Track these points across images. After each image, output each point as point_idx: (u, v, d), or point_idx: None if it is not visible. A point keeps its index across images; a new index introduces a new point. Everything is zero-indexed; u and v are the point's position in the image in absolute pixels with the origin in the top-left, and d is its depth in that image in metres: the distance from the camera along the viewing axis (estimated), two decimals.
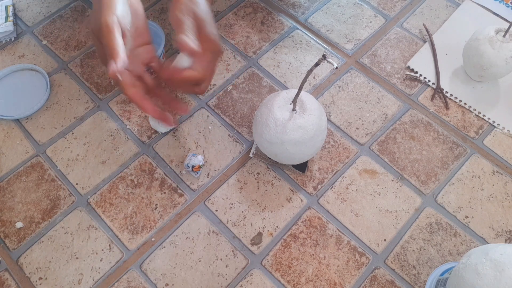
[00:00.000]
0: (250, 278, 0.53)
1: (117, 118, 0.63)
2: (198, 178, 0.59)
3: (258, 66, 0.67)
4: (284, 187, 0.58)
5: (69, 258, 0.54)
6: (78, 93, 0.65)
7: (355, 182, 0.58)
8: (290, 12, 0.73)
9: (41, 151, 0.61)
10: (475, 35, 0.60)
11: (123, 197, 0.58)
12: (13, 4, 0.74)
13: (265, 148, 0.53)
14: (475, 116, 0.63)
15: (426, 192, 0.58)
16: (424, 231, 0.55)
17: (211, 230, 0.55)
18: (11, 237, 0.56)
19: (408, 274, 0.53)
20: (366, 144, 0.61)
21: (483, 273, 0.40)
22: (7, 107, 0.64)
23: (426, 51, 0.68)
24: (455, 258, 0.53)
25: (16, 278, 0.53)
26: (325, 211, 0.56)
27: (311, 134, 0.50)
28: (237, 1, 0.74)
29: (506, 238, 0.55)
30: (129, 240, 0.55)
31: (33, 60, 0.69)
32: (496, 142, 0.61)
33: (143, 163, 0.60)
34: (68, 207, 0.57)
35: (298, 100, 0.51)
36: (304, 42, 0.70)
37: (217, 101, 0.64)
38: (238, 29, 0.71)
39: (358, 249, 0.54)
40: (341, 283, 0.52)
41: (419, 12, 0.73)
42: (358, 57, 0.68)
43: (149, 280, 0.53)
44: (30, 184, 0.59)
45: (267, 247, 0.54)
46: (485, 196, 0.57)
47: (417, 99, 0.64)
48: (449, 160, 0.60)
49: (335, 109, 0.64)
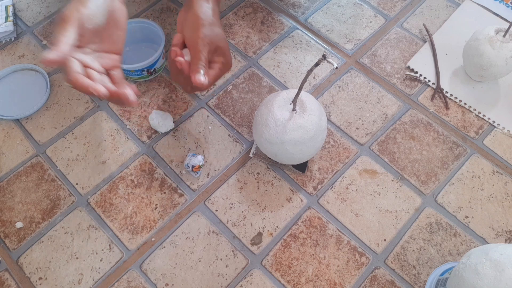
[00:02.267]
0: (250, 278, 0.53)
1: (117, 118, 0.63)
2: (198, 178, 0.59)
3: (258, 66, 0.67)
4: (284, 187, 0.58)
5: (69, 258, 0.54)
6: (78, 93, 0.65)
7: (355, 182, 0.58)
8: (290, 12, 0.73)
9: (41, 151, 0.61)
10: (475, 35, 0.60)
11: (123, 197, 0.58)
12: (13, 4, 0.74)
13: (265, 148, 0.53)
14: (475, 116, 0.63)
15: (426, 192, 0.58)
16: (424, 231, 0.55)
17: (211, 230, 0.55)
18: (11, 237, 0.56)
19: (408, 274, 0.53)
20: (366, 144, 0.61)
21: (483, 273, 0.40)
22: (7, 107, 0.64)
23: (426, 51, 0.68)
24: (455, 258, 0.53)
25: (16, 278, 0.53)
26: (325, 211, 0.56)
27: (311, 134, 0.50)
28: (237, 1, 0.74)
29: (506, 238, 0.55)
30: (129, 240, 0.55)
31: (33, 60, 0.69)
32: (496, 142, 0.61)
33: (143, 163, 0.60)
34: (68, 207, 0.57)
35: (298, 100, 0.51)
36: (304, 42, 0.70)
37: (217, 101, 0.64)
38: (238, 29, 0.71)
39: (358, 249, 0.54)
40: (341, 283, 0.52)
41: (419, 12, 0.73)
42: (358, 57, 0.68)
43: (149, 280, 0.53)
44: (30, 184, 0.59)
45: (267, 247, 0.54)
46: (485, 196, 0.57)
47: (417, 99, 0.64)
48: (449, 160, 0.60)
49: (335, 109, 0.64)
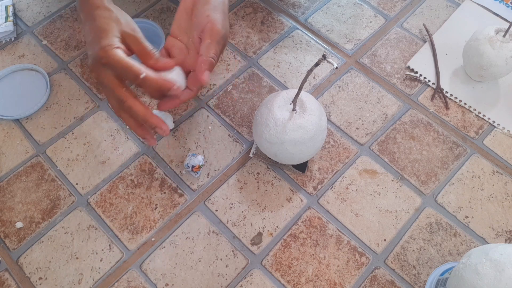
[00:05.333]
0: (250, 278, 0.53)
1: (117, 118, 0.63)
2: (198, 178, 0.59)
3: (258, 66, 0.67)
4: (284, 187, 0.58)
5: (69, 258, 0.54)
6: (78, 93, 0.65)
7: (355, 182, 0.58)
8: (290, 12, 0.73)
9: (41, 151, 0.61)
10: (475, 35, 0.60)
11: (123, 197, 0.58)
12: (13, 4, 0.74)
13: (265, 148, 0.53)
14: (475, 116, 0.63)
15: (426, 192, 0.58)
16: (424, 231, 0.55)
17: (211, 230, 0.55)
18: (11, 237, 0.56)
19: (408, 274, 0.53)
20: (366, 144, 0.61)
21: (483, 273, 0.40)
22: (7, 107, 0.64)
23: (426, 51, 0.68)
24: (455, 258, 0.53)
25: (16, 278, 0.53)
26: (325, 211, 0.56)
27: (311, 134, 0.50)
28: (237, 1, 0.74)
29: (506, 238, 0.55)
30: (129, 240, 0.55)
31: (33, 60, 0.69)
32: (496, 142, 0.61)
33: (143, 163, 0.60)
34: (68, 207, 0.57)
35: (298, 100, 0.51)
36: (304, 42, 0.70)
37: (217, 101, 0.64)
38: (238, 29, 0.71)
39: (358, 249, 0.54)
40: (341, 283, 0.52)
41: (419, 12, 0.73)
42: (358, 57, 0.68)
43: (149, 280, 0.53)
44: (30, 184, 0.59)
45: (267, 247, 0.54)
46: (485, 196, 0.57)
47: (417, 99, 0.64)
48: (449, 160, 0.60)
49: (335, 109, 0.64)
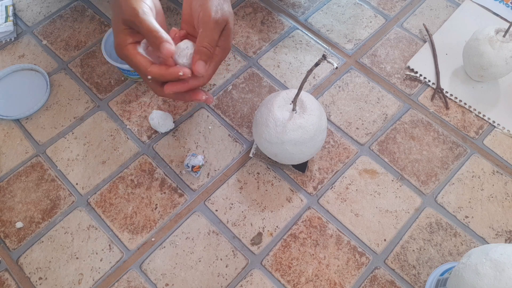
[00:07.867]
0: (250, 278, 0.53)
1: (117, 118, 0.63)
2: (198, 178, 0.59)
3: (258, 66, 0.67)
4: (284, 187, 0.58)
5: (69, 258, 0.54)
6: (78, 93, 0.65)
7: (355, 182, 0.58)
8: (290, 12, 0.73)
9: (41, 151, 0.61)
10: (475, 35, 0.60)
11: (123, 197, 0.58)
12: (13, 4, 0.74)
13: (265, 148, 0.53)
14: (475, 116, 0.63)
15: (426, 192, 0.58)
16: (424, 231, 0.55)
17: (211, 230, 0.55)
18: (11, 237, 0.56)
19: (408, 274, 0.53)
20: (366, 144, 0.61)
21: (483, 273, 0.40)
22: (7, 107, 0.64)
23: (426, 51, 0.68)
24: (455, 258, 0.53)
25: (16, 278, 0.53)
26: (325, 211, 0.56)
27: (311, 134, 0.50)
28: (237, 1, 0.74)
29: (506, 238, 0.55)
30: (129, 240, 0.55)
31: (33, 60, 0.69)
32: (496, 142, 0.61)
33: (143, 163, 0.60)
34: (68, 207, 0.57)
35: (298, 100, 0.51)
36: (304, 42, 0.70)
37: (217, 101, 0.64)
38: (238, 29, 0.71)
39: (358, 249, 0.54)
40: (341, 283, 0.52)
41: (419, 12, 0.73)
42: (358, 57, 0.68)
43: (149, 280, 0.53)
44: (30, 184, 0.59)
45: (267, 247, 0.54)
46: (485, 196, 0.57)
47: (417, 99, 0.64)
48: (449, 160, 0.60)
49: (335, 109, 0.64)
